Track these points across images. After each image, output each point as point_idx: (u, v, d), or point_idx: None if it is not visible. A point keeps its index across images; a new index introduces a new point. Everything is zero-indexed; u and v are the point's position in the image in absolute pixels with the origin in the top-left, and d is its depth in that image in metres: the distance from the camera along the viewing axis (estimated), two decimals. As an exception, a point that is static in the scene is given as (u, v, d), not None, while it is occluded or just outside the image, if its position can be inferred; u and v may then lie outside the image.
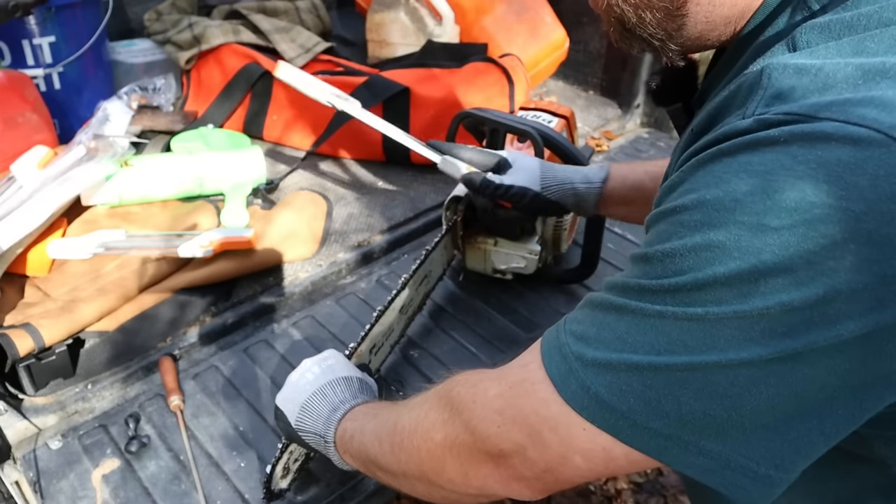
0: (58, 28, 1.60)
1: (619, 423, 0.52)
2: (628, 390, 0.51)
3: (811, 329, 0.45)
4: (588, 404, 0.53)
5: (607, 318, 0.54)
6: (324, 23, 2.13)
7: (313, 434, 0.84)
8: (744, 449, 0.50)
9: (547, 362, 0.57)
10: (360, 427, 0.80)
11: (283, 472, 0.95)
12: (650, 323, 0.51)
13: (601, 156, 1.88)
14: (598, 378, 0.52)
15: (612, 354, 0.52)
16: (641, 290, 0.52)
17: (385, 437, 0.73)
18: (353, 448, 0.80)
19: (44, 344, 1.11)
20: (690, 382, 0.49)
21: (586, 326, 0.55)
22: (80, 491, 1.00)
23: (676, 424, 0.50)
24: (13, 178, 1.32)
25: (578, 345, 0.55)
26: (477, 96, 1.68)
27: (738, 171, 0.47)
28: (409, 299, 1.17)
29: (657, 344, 0.50)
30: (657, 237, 0.52)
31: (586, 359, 0.53)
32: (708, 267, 0.47)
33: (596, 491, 1.98)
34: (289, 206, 1.51)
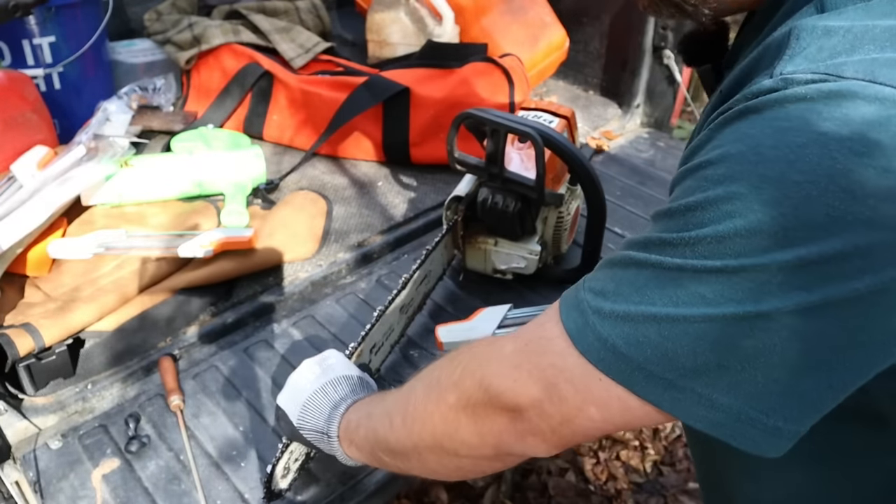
0: (58, 28, 1.60)
1: (635, 374, 0.52)
2: (645, 341, 0.51)
3: (828, 283, 0.46)
4: (604, 356, 0.53)
5: (627, 273, 0.54)
6: (324, 23, 2.13)
7: (315, 431, 0.84)
8: (755, 402, 0.50)
9: (565, 318, 0.57)
10: (365, 414, 0.80)
11: (284, 471, 0.95)
12: (669, 275, 0.51)
13: (601, 155, 1.88)
14: (615, 330, 0.53)
15: (630, 307, 0.52)
16: (662, 244, 0.52)
17: (396, 413, 0.73)
18: (358, 437, 0.80)
19: (44, 344, 1.11)
20: (707, 334, 0.49)
21: (605, 282, 0.56)
22: (80, 491, 1.00)
23: (691, 376, 0.51)
24: (13, 178, 1.33)
25: (597, 299, 0.55)
26: (477, 96, 1.68)
27: (763, 126, 0.48)
28: (409, 299, 1.17)
29: (675, 296, 0.50)
30: (681, 193, 0.53)
31: (604, 311, 0.54)
32: (728, 220, 0.48)
33: (596, 491, 1.98)
34: (289, 206, 1.51)
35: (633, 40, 1.96)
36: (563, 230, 1.36)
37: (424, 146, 1.70)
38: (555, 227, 1.35)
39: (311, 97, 1.75)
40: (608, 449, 2.11)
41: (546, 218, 1.32)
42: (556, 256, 1.42)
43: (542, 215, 1.31)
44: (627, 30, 1.97)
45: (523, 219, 1.25)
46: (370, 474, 1.03)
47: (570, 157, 1.24)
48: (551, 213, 1.33)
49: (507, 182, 1.24)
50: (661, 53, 1.93)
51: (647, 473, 2.04)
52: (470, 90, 1.69)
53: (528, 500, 1.95)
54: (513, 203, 1.24)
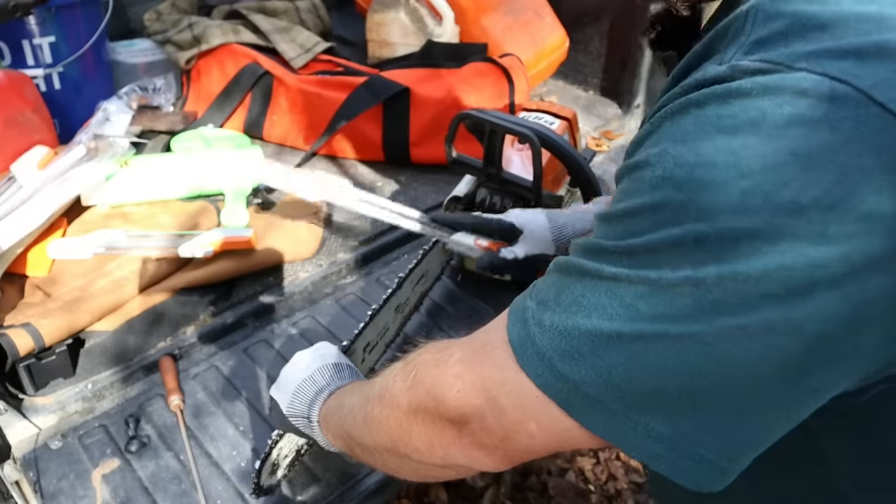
0: (58, 28, 1.60)
1: (570, 394, 0.48)
2: (580, 359, 0.47)
3: (769, 303, 0.42)
4: (541, 371, 0.50)
5: (566, 280, 0.51)
6: (324, 23, 2.13)
7: (300, 417, 0.84)
8: (693, 433, 0.46)
9: (510, 327, 0.54)
10: (339, 403, 0.79)
11: (273, 467, 0.95)
12: (605, 286, 0.47)
13: (601, 156, 1.88)
14: (553, 343, 0.49)
15: (567, 319, 0.49)
16: (601, 252, 0.49)
17: (358, 409, 0.72)
18: (332, 426, 0.79)
19: (44, 344, 1.11)
20: (641, 354, 0.45)
21: (548, 290, 0.52)
22: (80, 491, 1.00)
23: (626, 400, 0.47)
24: (13, 178, 1.33)
25: (539, 309, 0.51)
26: (477, 96, 1.68)
27: (705, 125, 0.44)
28: (404, 298, 1.17)
29: (610, 309, 0.46)
30: (620, 195, 0.49)
31: (544, 323, 0.50)
32: (664, 228, 0.44)
33: (596, 491, 1.98)
34: (289, 206, 1.51)
35: (633, 40, 1.96)
36: (563, 230, 1.36)
37: (424, 146, 1.70)
38: (555, 228, 1.35)
39: (311, 97, 1.75)
40: (608, 449, 2.11)
41: (546, 218, 1.32)
42: (555, 257, 1.42)
43: (542, 215, 1.31)
44: (627, 30, 1.97)
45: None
46: (370, 474, 1.03)
47: (567, 158, 1.24)
48: (551, 213, 1.32)
49: (504, 183, 1.24)
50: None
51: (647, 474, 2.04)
52: (470, 90, 1.69)
53: (528, 500, 1.95)
54: (511, 204, 1.24)
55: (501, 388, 0.53)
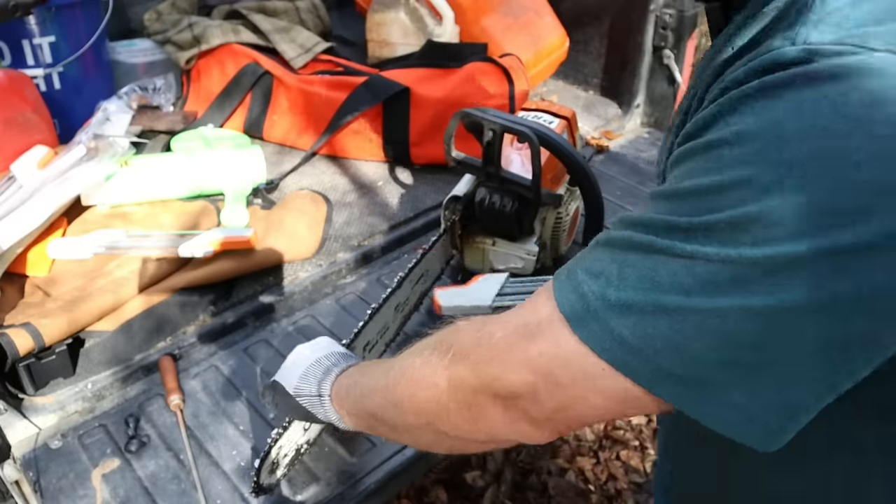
0: (58, 28, 1.60)
1: (641, 366, 0.50)
2: (654, 333, 0.49)
3: (850, 275, 0.43)
4: (609, 346, 0.51)
5: (630, 256, 0.51)
6: (324, 23, 2.13)
7: (310, 396, 0.83)
8: (765, 399, 0.48)
9: (560, 302, 0.54)
10: (353, 381, 0.79)
11: (272, 466, 0.95)
12: (680, 263, 0.48)
13: (602, 156, 1.88)
14: (622, 319, 0.50)
15: (638, 295, 0.50)
16: (670, 229, 0.49)
17: (382, 389, 0.71)
18: (348, 404, 0.79)
19: (44, 344, 1.11)
20: (720, 328, 0.47)
21: (605, 265, 0.53)
22: (80, 490, 1.00)
23: (701, 371, 0.48)
24: (13, 178, 1.33)
25: (598, 284, 0.52)
26: (477, 96, 1.68)
27: (786, 105, 0.45)
28: (404, 298, 1.17)
29: (687, 285, 0.47)
30: (689, 173, 0.50)
31: (609, 299, 0.51)
32: (746, 205, 0.45)
33: (596, 491, 1.98)
34: (289, 206, 1.51)
35: (633, 40, 1.96)
36: (562, 231, 1.36)
37: (424, 146, 1.70)
38: (553, 228, 1.35)
39: (311, 97, 1.75)
40: (608, 449, 2.11)
41: (545, 218, 1.32)
42: (555, 259, 1.42)
43: (541, 216, 1.31)
44: (627, 30, 1.97)
45: (521, 219, 1.25)
46: (370, 474, 1.03)
47: (566, 157, 1.24)
48: (550, 213, 1.33)
49: (504, 182, 1.24)
50: (661, 53, 1.93)
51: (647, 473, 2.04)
52: (470, 90, 1.69)
53: (528, 500, 1.95)
54: (510, 203, 1.24)
55: (558, 364, 0.54)
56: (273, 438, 0.93)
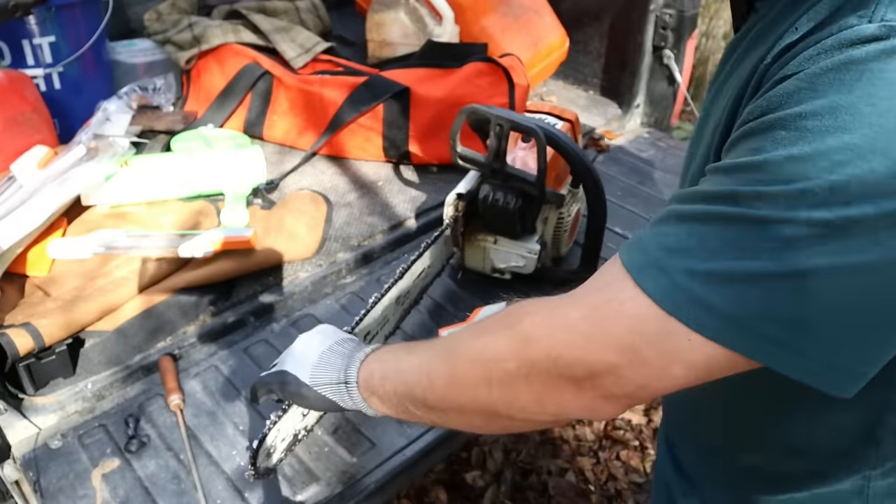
0: (58, 28, 1.60)
1: (732, 331, 0.52)
2: (747, 298, 0.51)
3: None
4: (698, 315, 0.53)
5: (712, 228, 0.53)
6: (324, 23, 2.13)
7: (332, 385, 0.82)
8: (852, 352, 0.51)
9: (639, 278, 0.55)
10: (393, 367, 0.77)
11: (270, 449, 0.95)
12: (773, 229, 0.50)
13: (602, 156, 1.89)
14: (713, 288, 0.52)
15: (728, 263, 0.52)
16: (757, 197, 0.51)
17: (438, 372, 0.71)
18: (383, 390, 0.77)
19: (44, 343, 1.11)
20: (814, 288, 0.49)
21: (683, 239, 0.54)
22: (80, 490, 1.00)
23: (793, 330, 0.51)
24: (13, 178, 1.33)
25: (680, 259, 0.54)
26: (477, 96, 1.68)
27: (871, 78, 0.48)
28: (405, 290, 1.18)
29: (779, 250, 0.50)
30: (767, 146, 0.52)
31: (696, 270, 0.53)
32: (841, 169, 0.48)
33: (596, 491, 1.98)
34: (289, 206, 1.51)
35: (633, 40, 1.96)
36: (563, 231, 1.36)
37: (424, 146, 1.70)
38: (555, 228, 1.35)
39: (312, 97, 1.75)
40: (608, 449, 2.11)
41: (546, 218, 1.32)
42: (555, 259, 1.42)
43: (543, 215, 1.31)
44: (627, 30, 1.97)
45: (524, 216, 1.25)
46: (370, 474, 1.03)
47: (572, 155, 1.24)
48: (552, 213, 1.33)
49: (508, 179, 1.24)
50: (661, 53, 1.93)
51: (647, 473, 2.04)
52: (470, 90, 1.69)
53: (528, 500, 1.95)
54: (514, 200, 1.24)
55: (643, 339, 0.55)
56: (273, 421, 0.93)
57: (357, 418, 1.11)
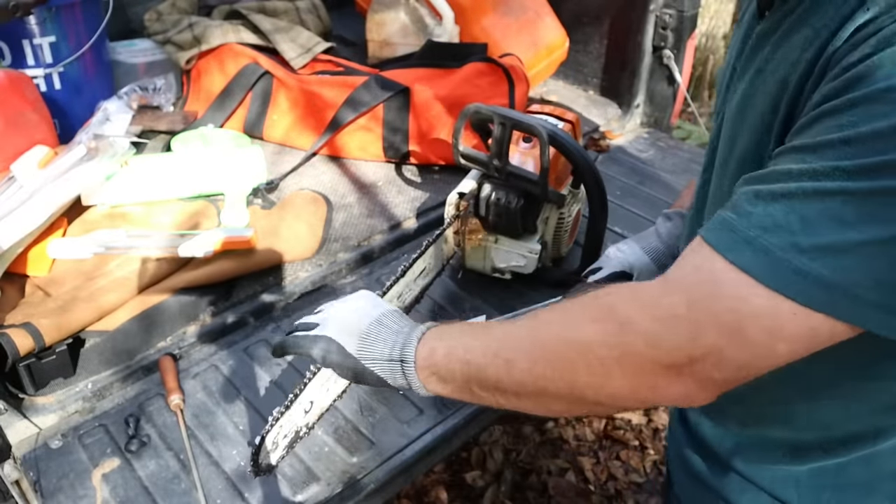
0: (58, 28, 1.60)
1: (841, 300, 0.54)
2: (854, 267, 0.53)
3: None
4: (805, 288, 0.54)
5: (812, 203, 0.55)
6: (324, 23, 2.13)
7: (384, 360, 0.80)
8: None
9: (736, 259, 0.57)
10: (459, 348, 0.75)
11: (272, 446, 0.95)
12: (877, 200, 0.52)
13: (602, 156, 1.89)
14: (820, 261, 0.54)
15: (832, 236, 0.53)
16: (859, 171, 0.53)
17: (515, 357, 0.70)
18: (447, 369, 0.76)
19: (44, 343, 1.11)
20: None
21: (780, 217, 0.56)
22: (80, 490, 1.00)
23: None
24: (13, 178, 1.33)
25: (780, 236, 0.55)
26: (477, 96, 1.68)
27: None
28: (406, 288, 1.18)
29: (884, 219, 0.52)
30: (863, 118, 0.53)
31: (800, 246, 0.54)
32: None
33: (596, 491, 1.99)
34: (289, 206, 1.51)
35: (633, 40, 1.96)
36: (564, 231, 1.36)
37: (424, 146, 1.70)
38: (555, 228, 1.35)
39: (312, 97, 1.75)
40: (608, 449, 2.11)
41: (547, 218, 1.32)
42: (555, 259, 1.42)
43: (544, 215, 1.31)
44: (627, 30, 1.97)
45: (525, 216, 1.25)
46: (370, 474, 1.03)
47: (574, 155, 1.24)
48: (553, 213, 1.33)
49: (510, 178, 1.24)
50: (661, 53, 1.93)
51: (647, 473, 2.04)
52: (470, 90, 1.69)
53: (528, 500, 1.96)
54: (515, 199, 1.24)
55: (747, 318, 0.57)
56: (275, 417, 0.93)
57: (357, 418, 1.11)
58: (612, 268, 1.20)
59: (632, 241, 1.23)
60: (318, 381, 0.98)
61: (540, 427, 2.17)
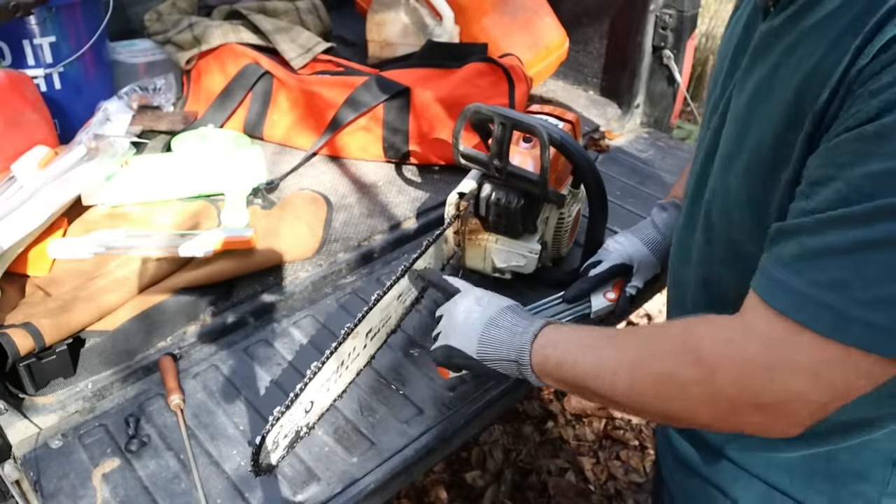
0: (58, 28, 1.60)
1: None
2: None
3: None
4: (877, 338, 0.57)
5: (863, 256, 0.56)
6: (324, 23, 2.13)
7: (503, 361, 0.90)
8: None
9: (804, 317, 0.59)
10: (569, 359, 0.83)
11: (273, 446, 0.95)
12: None
13: (602, 156, 1.89)
14: (882, 313, 0.56)
15: (891, 288, 0.55)
16: None
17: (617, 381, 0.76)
18: (559, 375, 0.84)
19: (44, 343, 1.11)
20: None
21: (837, 273, 0.57)
22: (80, 490, 1.00)
23: None
24: (14, 178, 1.33)
25: (841, 294, 0.57)
26: (477, 96, 1.68)
27: None
28: (407, 288, 1.18)
29: None
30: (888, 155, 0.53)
31: (862, 301, 0.56)
32: None
33: (596, 491, 1.99)
34: (289, 206, 1.51)
35: (633, 40, 1.96)
36: (564, 232, 1.36)
37: (425, 146, 1.70)
38: (556, 228, 1.35)
39: (312, 97, 1.75)
40: (608, 449, 2.11)
41: (547, 218, 1.33)
42: (555, 259, 1.42)
43: (544, 215, 1.31)
44: (627, 30, 1.97)
45: (525, 215, 1.26)
46: (370, 474, 1.03)
47: (574, 155, 1.24)
48: (553, 213, 1.33)
49: (510, 178, 1.24)
50: (661, 53, 1.93)
51: (647, 473, 2.04)
52: (470, 90, 1.69)
53: (528, 500, 1.96)
54: (515, 199, 1.24)
55: (826, 366, 0.60)
56: (275, 417, 0.93)
57: (357, 418, 1.11)
58: (612, 261, 1.21)
59: (629, 234, 1.24)
60: (318, 381, 0.99)
61: (540, 427, 2.17)
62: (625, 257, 1.21)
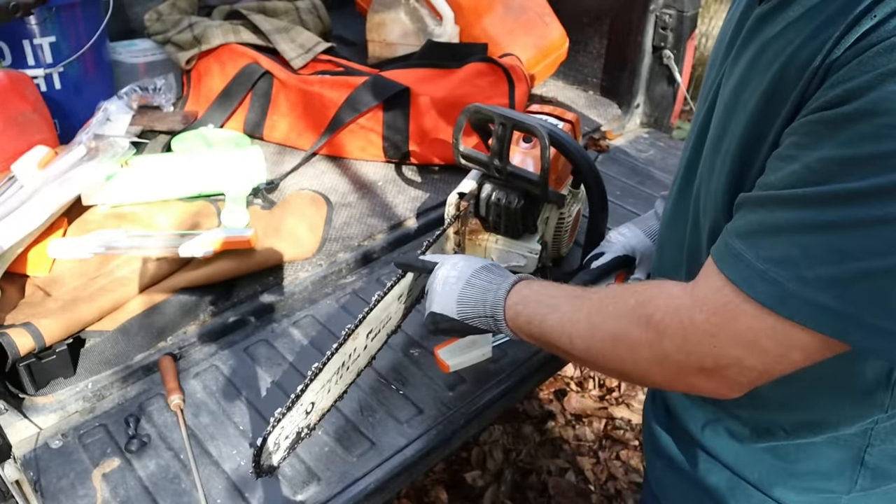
0: (58, 28, 1.60)
1: (848, 326, 0.58)
2: (858, 296, 0.57)
3: None
4: (814, 315, 0.59)
5: (810, 237, 0.58)
6: (324, 23, 2.13)
7: (481, 317, 0.93)
8: None
9: (751, 290, 0.62)
10: (537, 317, 0.86)
11: (274, 447, 0.95)
12: (873, 231, 0.55)
13: (602, 156, 1.89)
14: (825, 292, 0.58)
15: (833, 268, 0.57)
16: (850, 197, 0.55)
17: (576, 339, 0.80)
18: (528, 330, 0.88)
19: (44, 343, 1.11)
20: None
21: (785, 250, 0.60)
22: (80, 490, 1.00)
23: None
24: (14, 178, 1.33)
25: (787, 269, 0.59)
26: (477, 96, 1.68)
27: None
28: (407, 289, 1.18)
29: (880, 248, 0.55)
30: (861, 139, 0.54)
31: (805, 278, 0.58)
32: None
33: (596, 491, 1.99)
34: (289, 206, 1.51)
35: (633, 40, 1.96)
36: (564, 232, 1.36)
37: (424, 146, 1.70)
38: (556, 228, 1.35)
39: (312, 97, 1.75)
40: (608, 449, 2.11)
41: (548, 218, 1.33)
42: (555, 259, 1.42)
43: (544, 215, 1.31)
44: (627, 30, 1.97)
45: (525, 216, 1.26)
46: (370, 474, 1.03)
47: (575, 155, 1.24)
48: (553, 213, 1.33)
49: (510, 178, 1.24)
50: (661, 53, 1.93)
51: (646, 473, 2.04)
52: (470, 90, 1.69)
53: (528, 500, 1.96)
54: (516, 199, 1.24)
55: (764, 336, 0.63)
56: (276, 419, 0.93)
57: (357, 418, 1.11)
58: (614, 252, 1.21)
59: (632, 225, 1.24)
60: (318, 382, 0.99)
61: (540, 427, 2.17)
62: (627, 249, 1.21)
